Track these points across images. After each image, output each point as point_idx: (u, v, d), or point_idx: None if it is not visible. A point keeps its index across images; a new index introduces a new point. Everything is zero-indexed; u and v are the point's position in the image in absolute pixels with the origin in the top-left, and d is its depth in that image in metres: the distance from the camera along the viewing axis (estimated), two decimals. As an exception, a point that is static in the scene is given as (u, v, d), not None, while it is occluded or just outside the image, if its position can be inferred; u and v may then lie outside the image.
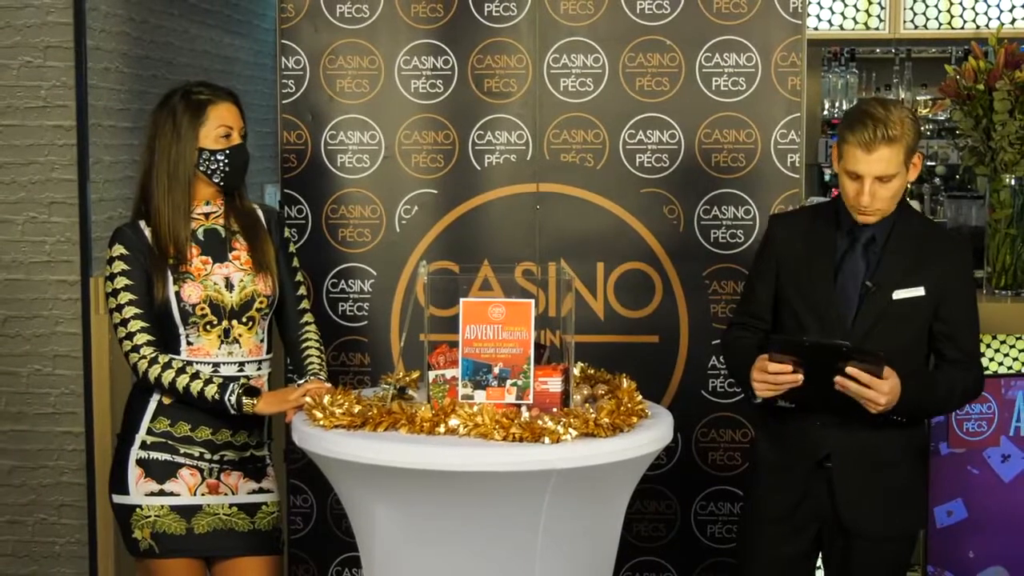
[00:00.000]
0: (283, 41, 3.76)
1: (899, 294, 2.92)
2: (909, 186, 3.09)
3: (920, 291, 2.92)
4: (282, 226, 3.19)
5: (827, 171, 8.18)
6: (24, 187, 3.93)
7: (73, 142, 3.90)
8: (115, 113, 4.10)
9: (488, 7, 3.70)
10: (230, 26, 5.15)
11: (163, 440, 3.01)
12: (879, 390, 2.79)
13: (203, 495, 3.02)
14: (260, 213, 3.15)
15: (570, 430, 2.54)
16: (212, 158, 3.00)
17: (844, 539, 2.99)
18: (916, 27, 6.39)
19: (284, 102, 3.77)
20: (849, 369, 2.78)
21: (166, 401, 3.00)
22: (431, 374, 2.75)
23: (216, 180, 3.03)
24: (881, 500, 2.97)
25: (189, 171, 2.99)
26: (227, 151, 3.02)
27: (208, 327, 3.00)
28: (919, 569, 3.78)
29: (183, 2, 4.65)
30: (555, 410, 2.66)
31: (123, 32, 4.16)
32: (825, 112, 7.80)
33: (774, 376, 2.85)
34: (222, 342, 3.02)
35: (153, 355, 2.95)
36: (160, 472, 3.00)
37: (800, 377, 2.83)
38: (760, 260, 3.12)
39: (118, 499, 3.02)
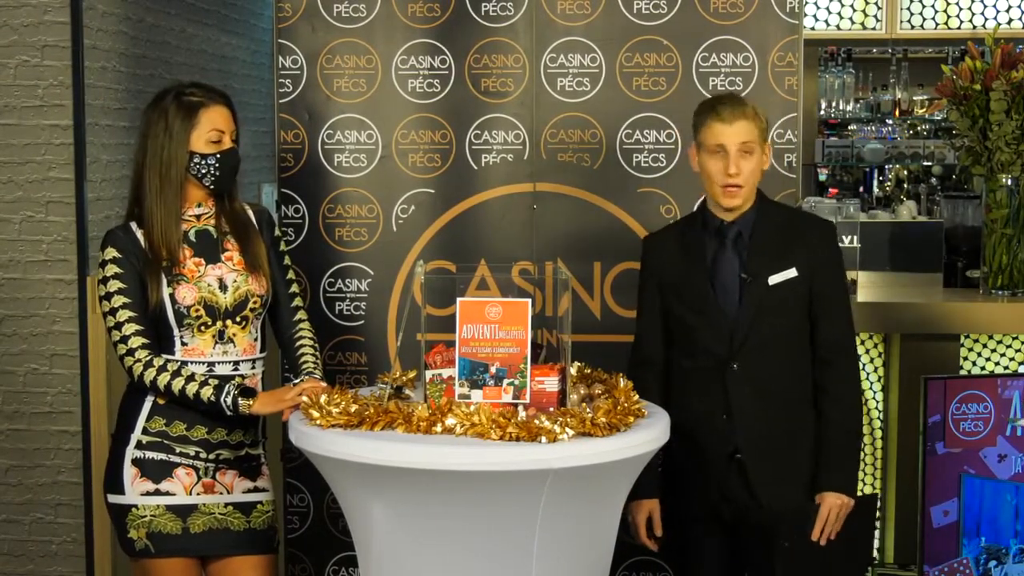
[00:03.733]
0: (280, 40, 3.76)
1: (774, 279, 3.07)
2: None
3: (792, 272, 3.07)
4: (273, 226, 3.18)
5: (823, 172, 8.20)
6: (21, 186, 3.92)
7: (70, 141, 3.90)
8: (112, 112, 4.10)
9: (485, 7, 3.70)
10: (227, 25, 5.15)
11: (158, 440, 3.00)
12: (832, 517, 3.07)
13: (198, 494, 3.02)
14: (251, 213, 3.15)
15: (567, 429, 2.54)
16: (203, 162, 3.00)
17: (762, 530, 3.10)
18: (913, 27, 6.41)
19: (281, 101, 3.77)
20: (815, 537, 3.06)
21: (161, 401, 3.00)
22: (428, 373, 2.75)
23: (207, 183, 3.02)
24: (794, 479, 3.12)
25: (180, 174, 2.99)
26: (218, 155, 3.01)
27: (203, 328, 3.00)
28: (915, 569, 3.79)
29: (180, 1, 4.65)
30: (552, 409, 2.66)
31: (120, 31, 4.16)
32: (822, 112, 7.82)
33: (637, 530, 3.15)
34: (216, 342, 3.02)
35: (148, 358, 2.94)
36: (155, 472, 3.00)
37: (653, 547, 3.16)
38: (642, 290, 3.24)
39: (113, 499, 3.02)
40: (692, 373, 3.11)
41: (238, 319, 3.03)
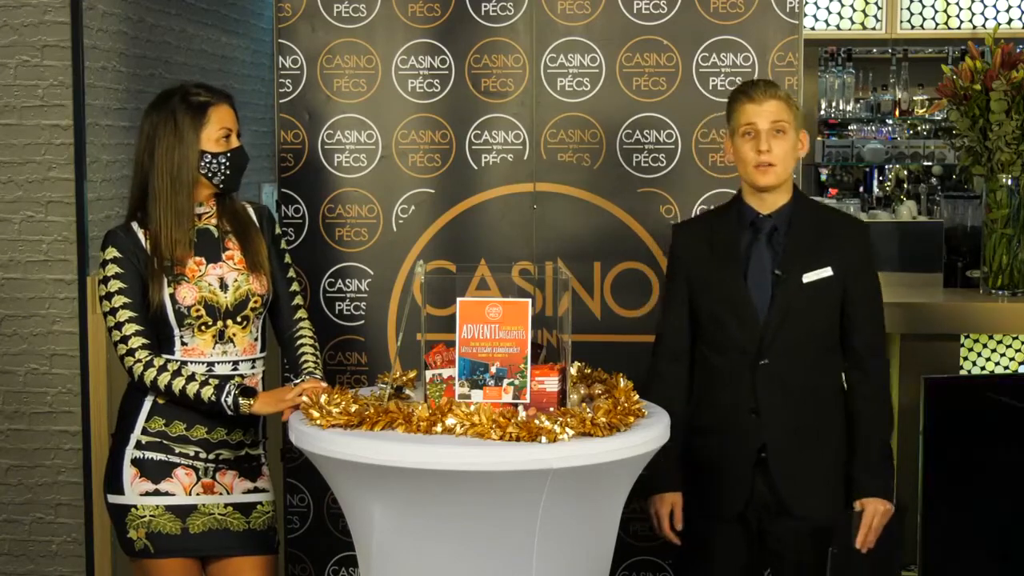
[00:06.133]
0: (280, 40, 3.76)
1: (808, 277, 3.02)
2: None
3: (828, 271, 3.02)
4: (273, 223, 3.18)
5: (824, 171, 8.20)
6: (21, 186, 3.92)
7: (70, 141, 3.90)
8: (112, 112, 4.09)
9: (485, 7, 3.70)
10: (227, 25, 5.15)
11: (158, 440, 3.00)
12: (876, 524, 3.02)
13: (198, 495, 3.02)
14: (251, 212, 3.14)
15: (567, 429, 2.54)
16: (214, 160, 3.00)
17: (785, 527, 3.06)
18: (913, 27, 6.41)
19: (281, 101, 3.77)
20: (858, 545, 3.02)
21: (161, 401, 3.00)
22: (428, 373, 2.75)
23: (216, 182, 3.02)
24: (819, 480, 3.07)
25: (193, 174, 2.98)
26: (228, 153, 3.01)
27: (203, 328, 3.00)
28: (915, 569, 3.78)
29: (180, 1, 4.65)
30: (552, 409, 2.66)
31: (120, 31, 4.16)
32: (822, 112, 7.82)
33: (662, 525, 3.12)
34: (216, 342, 3.02)
35: (148, 358, 2.94)
36: (155, 472, 3.00)
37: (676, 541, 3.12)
38: (670, 281, 3.19)
39: (113, 499, 3.02)
40: (721, 369, 3.08)
41: (239, 319, 3.03)
